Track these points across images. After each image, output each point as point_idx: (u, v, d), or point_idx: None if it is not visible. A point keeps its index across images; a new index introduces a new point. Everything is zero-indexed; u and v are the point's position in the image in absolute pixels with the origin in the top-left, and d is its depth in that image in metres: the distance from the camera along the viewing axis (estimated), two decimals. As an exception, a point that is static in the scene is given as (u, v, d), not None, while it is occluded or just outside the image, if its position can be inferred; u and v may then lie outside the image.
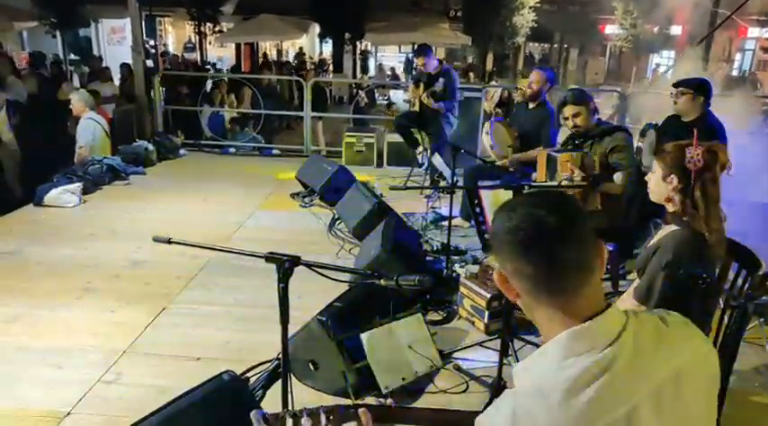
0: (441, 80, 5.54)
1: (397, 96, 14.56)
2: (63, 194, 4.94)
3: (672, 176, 1.91)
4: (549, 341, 0.94)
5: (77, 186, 5.06)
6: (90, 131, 5.63)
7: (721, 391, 1.99)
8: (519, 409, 0.88)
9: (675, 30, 17.36)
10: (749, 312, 1.86)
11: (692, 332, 1.01)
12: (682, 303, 1.84)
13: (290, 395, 1.60)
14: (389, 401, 1.97)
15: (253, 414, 1.08)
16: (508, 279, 0.97)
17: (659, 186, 1.96)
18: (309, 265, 1.49)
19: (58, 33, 14.93)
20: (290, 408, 1.50)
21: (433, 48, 6.24)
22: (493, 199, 2.73)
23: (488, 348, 2.86)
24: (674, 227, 1.92)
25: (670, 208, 1.96)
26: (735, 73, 20.17)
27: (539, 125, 4.26)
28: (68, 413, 2.32)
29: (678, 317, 1.02)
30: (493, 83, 12.55)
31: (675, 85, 3.59)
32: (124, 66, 9.34)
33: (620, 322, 0.92)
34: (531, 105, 4.43)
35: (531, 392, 0.89)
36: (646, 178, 2.07)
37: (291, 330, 2.44)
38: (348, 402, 2.16)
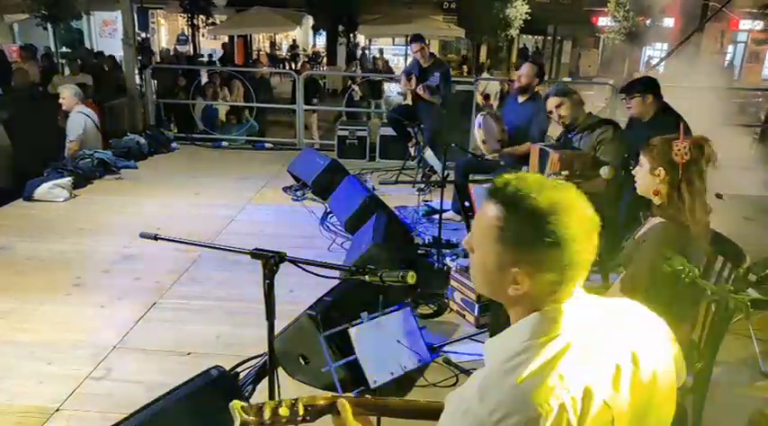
0: (436, 74, 5.51)
1: (390, 89, 14.51)
2: (53, 189, 4.91)
3: (659, 169, 1.93)
4: (519, 322, 0.99)
5: (68, 180, 5.03)
6: (80, 125, 5.60)
7: (704, 383, 2.02)
8: (485, 384, 0.93)
9: (668, 22, 17.37)
10: (730, 306, 1.87)
11: (647, 316, 1.06)
12: (666, 296, 1.86)
13: (276, 391, 1.61)
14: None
15: (231, 405, 1.08)
16: (523, 268, 0.95)
17: (646, 179, 1.98)
18: (295, 261, 1.49)
19: (49, 26, 14.78)
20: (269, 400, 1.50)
21: (427, 41, 6.23)
22: (480, 193, 2.73)
23: (478, 341, 2.88)
24: (659, 220, 1.94)
25: (656, 200, 1.98)
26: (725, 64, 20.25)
27: (529, 119, 4.25)
28: (57, 409, 2.32)
29: (636, 303, 1.08)
30: (485, 75, 12.53)
31: (622, 92, 3.62)
32: (109, 58, 9.29)
33: (582, 307, 0.98)
34: (520, 99, 4.41)
35: (496, 369, 0.94)
36: (633, 171, 2.09)
37: (283, 324, 2.47)
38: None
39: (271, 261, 1.48)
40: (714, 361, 2.04)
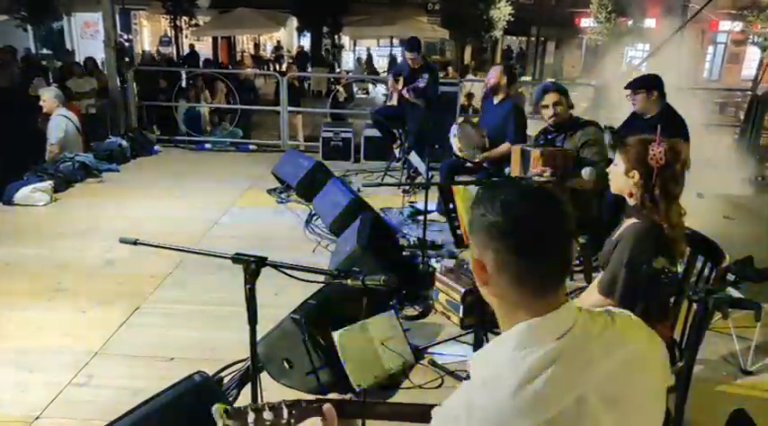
0: (425, 76, 5.52)
1: (377, 90, 14.52)
2: (33, 193, 4.84)
3: (634, 171, 1.93)
4: (505, 333, 0.97)
5: (48, 184, 4.97)
6: (61, 128, 5.54)
7: (685, 381, 2.04)
8: (472, 398, 0.91)
9: (649, 23, 17.61)
10: (709, 306, 1.89)
11: (637, 326, 1.05)
12: (644, 296, 1.88)
13: (259, 396, 1.61)
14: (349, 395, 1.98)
15: (214, 409, 1.08)
16: (486, 267, 0.97)
17: (621, 180, 1.99)
18: (276, 266, 1.49)
19: (29, 27, 14.59)
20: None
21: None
22: (462, 194, 2.74)
23: (463, 342, 2.88)
24: (634, 220, 1.95)
25: (631, 201, 1.99)
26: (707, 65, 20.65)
27: (505, 119, 4.29)
28: (38, 417, 2.29)
29: (625, 314, 1.06)
30: (470, 76, 12.59)
31: (627, 87, 3.63)
32: (89, 60, 9.18)
33: (572, 317, 0.96)
34: (495, 100, 4.44)
35: (484, 382, 0.93)
36: (607, 170, 2.10)
37: (268, 327, 2.46)
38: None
39: (252, 266, 1.48)
40: (695, 359, 2.05)
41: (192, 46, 17.18)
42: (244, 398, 2.32)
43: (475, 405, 0.90)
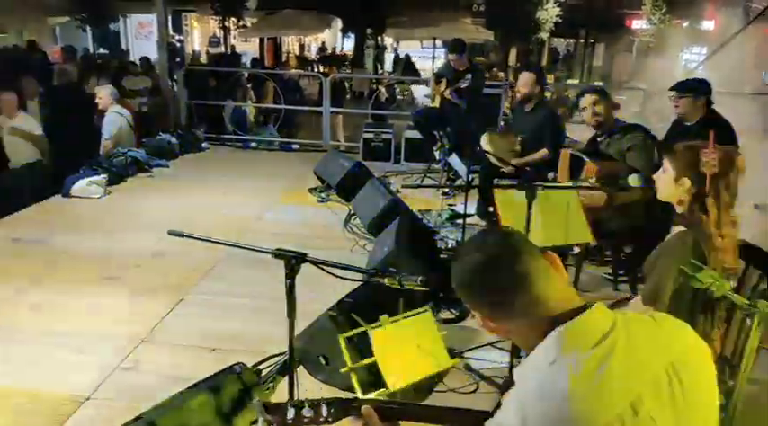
0: (468, 76, 5.48)
1: (419, 91, 14.48)
2: (89, 185, 5.08)
3: (684, 179, 1.85)
4: (545, 340, 0.97)
5: (102, 178, 5.21)
6: (115, 124, 5.79)
7: (736, 401, 1.91)
8: (526, 410, 0.91)
9: (707, 24, 16.90)
10: (761, 321, 1.80)
11: (680, 325, 1.04)
12: (688, 307, 1.82)
13: (295, 389, 1.65)
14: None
15: (255, 403, 1.11)
16: (490, 317, 1.04)
17: (670, 187, 1.91)
18: (315, 262, 1.53)
19: (88, 28, 15.31)
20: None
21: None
22: (504, 198, 2.71)
23: (500, 348, 2.85)
24: (682, 229, 1.88)
25: (679, 209, 1.91)
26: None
27: (539, 127, 4.23)
28: (88, 398, 2.41)
29: (666, 315, 1.06)
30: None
31: (673, 89, 3.50)
32: (144, 60, 9.53)
33: (609, 318, 0.96)
34: (527, 107, 4.38)
35: (535, 391, 0.92)
36: (654, 176, 2.02)
37: (305, 322, 2.50)
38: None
39: (292, 262, 1.51)
40: (747, 379, 1.93)
41: (233, 47, 17.54)
42: (280, 391, 2.38)
43: (529, 416, 0.90)
